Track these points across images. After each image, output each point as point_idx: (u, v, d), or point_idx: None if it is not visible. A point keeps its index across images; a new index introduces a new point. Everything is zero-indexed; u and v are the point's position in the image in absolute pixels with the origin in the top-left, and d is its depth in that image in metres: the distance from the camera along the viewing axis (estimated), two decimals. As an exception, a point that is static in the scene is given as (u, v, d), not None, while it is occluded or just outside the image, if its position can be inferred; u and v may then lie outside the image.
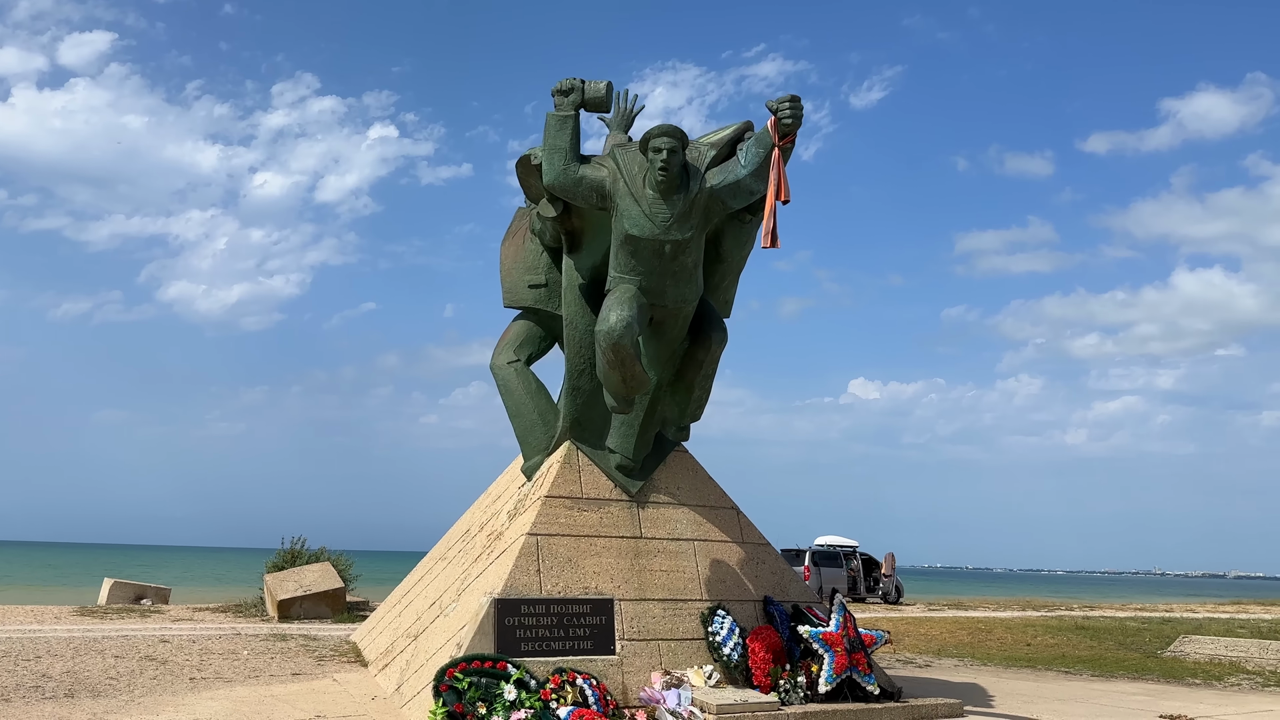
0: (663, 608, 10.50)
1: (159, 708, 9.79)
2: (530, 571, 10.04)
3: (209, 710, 9.73)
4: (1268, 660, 15.58)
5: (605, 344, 9.53)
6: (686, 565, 10.90)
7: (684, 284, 9.90)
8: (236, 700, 10.40)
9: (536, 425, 11.26)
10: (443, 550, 13.64)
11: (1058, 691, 13.35)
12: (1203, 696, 13.45)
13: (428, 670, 10.26)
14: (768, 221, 8.84)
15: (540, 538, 10.26)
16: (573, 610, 9.97)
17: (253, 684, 11.28)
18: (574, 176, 9.65)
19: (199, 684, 11.21)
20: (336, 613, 20.30)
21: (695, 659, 10.34)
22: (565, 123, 9.67)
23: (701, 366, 10.51)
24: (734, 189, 9.53)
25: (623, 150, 9.76)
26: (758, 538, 11.70)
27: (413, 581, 14.08)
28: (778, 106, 9.01)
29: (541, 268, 11.63)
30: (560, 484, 10.68)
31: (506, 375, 11.51)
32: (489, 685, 9.06)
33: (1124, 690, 13.94)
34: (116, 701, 9.88)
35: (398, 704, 10.35)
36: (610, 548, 10.58)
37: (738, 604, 10.91)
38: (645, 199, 9.48)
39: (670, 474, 11.41)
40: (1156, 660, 16.75)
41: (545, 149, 9.73)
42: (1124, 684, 14.73)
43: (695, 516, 11.29)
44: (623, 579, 10.44)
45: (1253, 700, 13.20)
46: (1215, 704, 12.64)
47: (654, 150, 9.29)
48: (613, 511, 10.82)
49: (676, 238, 9.55)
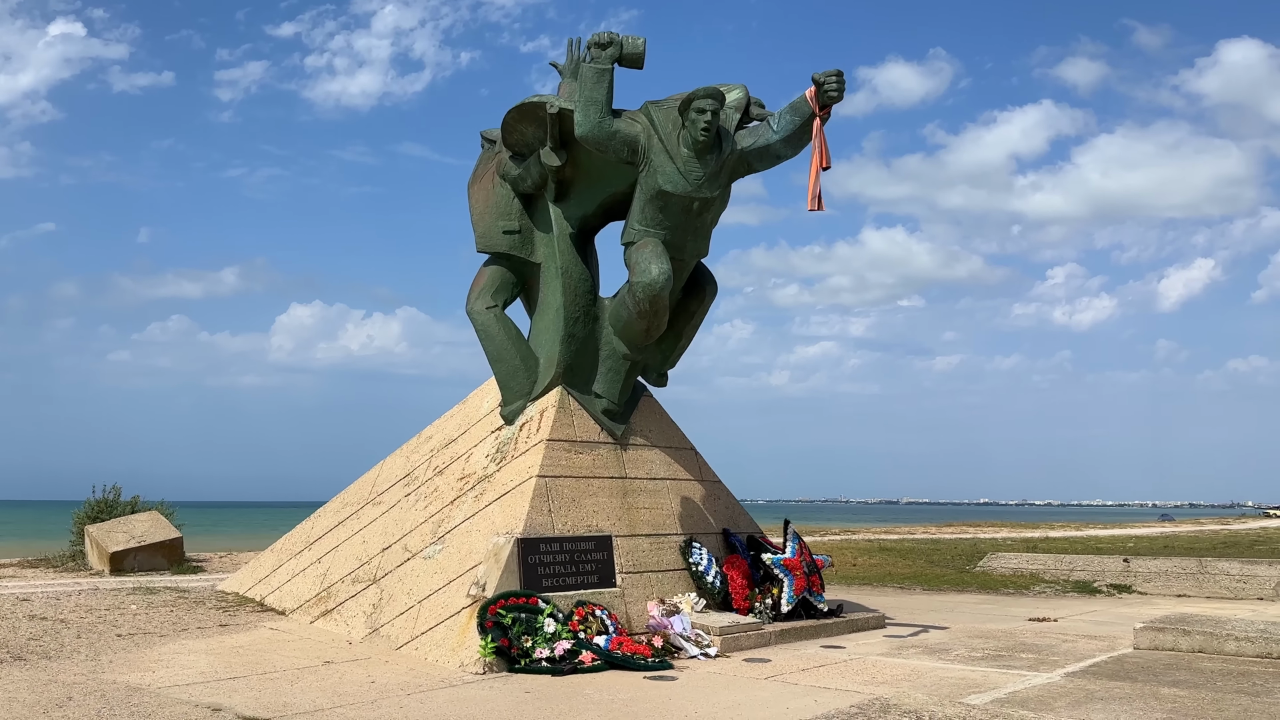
0: (649, 542, 11.24)
1: (141, 662, 9.36)
2: (544, 511, 10.43)
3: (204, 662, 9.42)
4: (1061, 571, 18.68)
5: (645, 294, 10.01)
6: (664, 502, 11.68)
7: (702, 239, 10.54)
8: (209, 652, 10.08)
9: (519, 370, 11.50)
10: (365, 496, 13.49)
11: (922, 604, 15.41)
12: (1032, 602, 16.06)
13: (426, 611, 10.44)
14: (814, 186, 9.65)
15: (548, 479, 10.66)
16: (580, 547, 10.50)
17: (192, 637, 10.88)
18: (608, 130, 9.95)
19: (137, 639, 10.67)
20: (174, 564, 19.29)
21: (679, 587, 11.20)
22: (603, 76, 9.91)
23: (693, 317, 11.22)
24: (762, 152, 10.23)
25: (656, 107, 10.15)
26: (713, 476, 12.67)
27: (323, 528, 13.79)
28: (824, 79, 9.74)
29: (514, 213, 11.76)
30: (558, 428, 11.07)
31: (486, 320, 11.62)
32: (529, 619, 9.47)
33: (965, 600, 16.31)
34: (81, 661, 9.31)
35: (388, 646, 10.44)
36: (604, 488, 11.15)
37: (704, 536, 11.84)
38: (680, 157, 9.97)
39: (642, 418, 12.08)
40: (970, 575, 19.54)
41: (581, 100, 9.93)
42: (955, 595, 17.16)
43: (665, 458, 12.06)
44: (616, 516, 11.06)
45: (1069, 603, 15.94)
46: (1050, 609, 15.17)
47: (697, 111, 9.76)
48: (602, 454, 11.37)
49: (706, 195, 10.14)
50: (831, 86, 9.68)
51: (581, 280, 11.29)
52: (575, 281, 11.22)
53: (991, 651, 10.57)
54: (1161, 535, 35.93)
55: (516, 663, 9.23)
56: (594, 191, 11.43)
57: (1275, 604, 16.04)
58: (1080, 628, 12.88)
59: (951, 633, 12.11)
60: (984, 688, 8.50)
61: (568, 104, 10.56)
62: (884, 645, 10.98)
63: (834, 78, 9.70)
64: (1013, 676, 9.09)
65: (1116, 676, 8.93)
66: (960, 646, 10.89)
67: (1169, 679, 8.76)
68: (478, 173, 12.22)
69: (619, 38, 9.97)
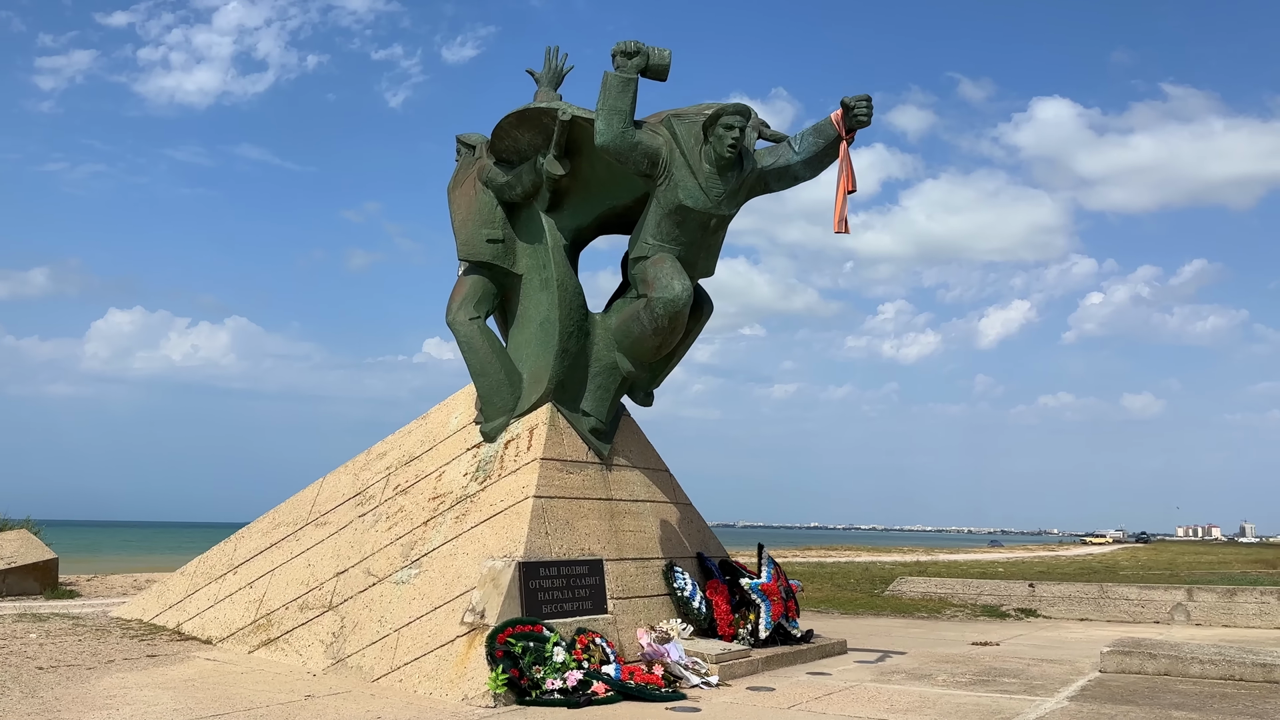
0: (636, 566, 10.92)
1: (90, 699, 8.41)
2: (541, 534, 9.97)
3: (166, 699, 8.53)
4: (969, 595, 19.35)
5: (666, 311, 9.73)
6: (646, 525, 11.39)
7: (712, 257, 10.36)
8: (161, 686, 9.15)
9: (503, 385, 10.98)
10: (303, 515, 12.61)
11: (852, 628, 15.60)
12: (950, 626, 16.55)
13: (407, 640, 9.82)
14: (840, 209, 9.62)
15: (544, 500, 10.19)
16: (575, 571, 10.08)
17: (124, 670, 9.88)
18: (631, 140, 9.65)
19: (63, 673, 9.60)
20: (46, 588, 17.62)
21: (663, 613, 10.91)
22: (628, 85, 9.61)
23: (688, 336, 11.01)
24: (781, 173, 10.14)
25: (678, 120, 9.91)
26: (685, 498, 12.45)
27: (250, 550, 12.79)
28: (854, 103, 9.72)
29: (498, 221, 11.29)
30: (550, 446, 10.61)
31: (469, 332, 11.06)
32: (538, 649, 8.99)
33: (891, 624, 16.66)
34: (19, 700, 8.31)
35: (361, 678, 9.74)
36: (594, 510, 10.76)
37: (683, 560, 11.61)
38: (702, 172, 9.77)
39: (623, 438, 11.75)
40: (881, 599, 19.98)
41: (603, 110, 9.58)
42: (874, 619, 17.51)
43: (644, 479, 11.77)
44: (605, 539, 10.69)
45: (990, 627, 16.52)
46: (979, 633, 15.66)
47: (725, 127, 9.59)
48: (590, 474, 10.98)
49: (725, 213, 9.98)
50: (862, 111, 9.72)
51: (576, 294, 10.92)
52: (570, 295, 10.84)
53: (972, 677, 10.74)
54: (1038, 560, 37.90)
55: (527, 694, 8.74)
56: (591, 204, 11.10)
57: (1172, 626, 17.11)
58: (1024, 651, 13.30)
59: (913, 657, 12.27)
60: (1005, 713, 8.60)
61: (582, 111, 10.22)
62: (865, 671, 10.99)
63: (864, 102, 9.74)
64: (1019, 701, 9.24)
65: (1116, 700, 9.21)
66: (939, 672, 11.02)
67: (1166, 702, 9.09)
68: (458, 178, 11.68)
69: (646, 48, 9.69)
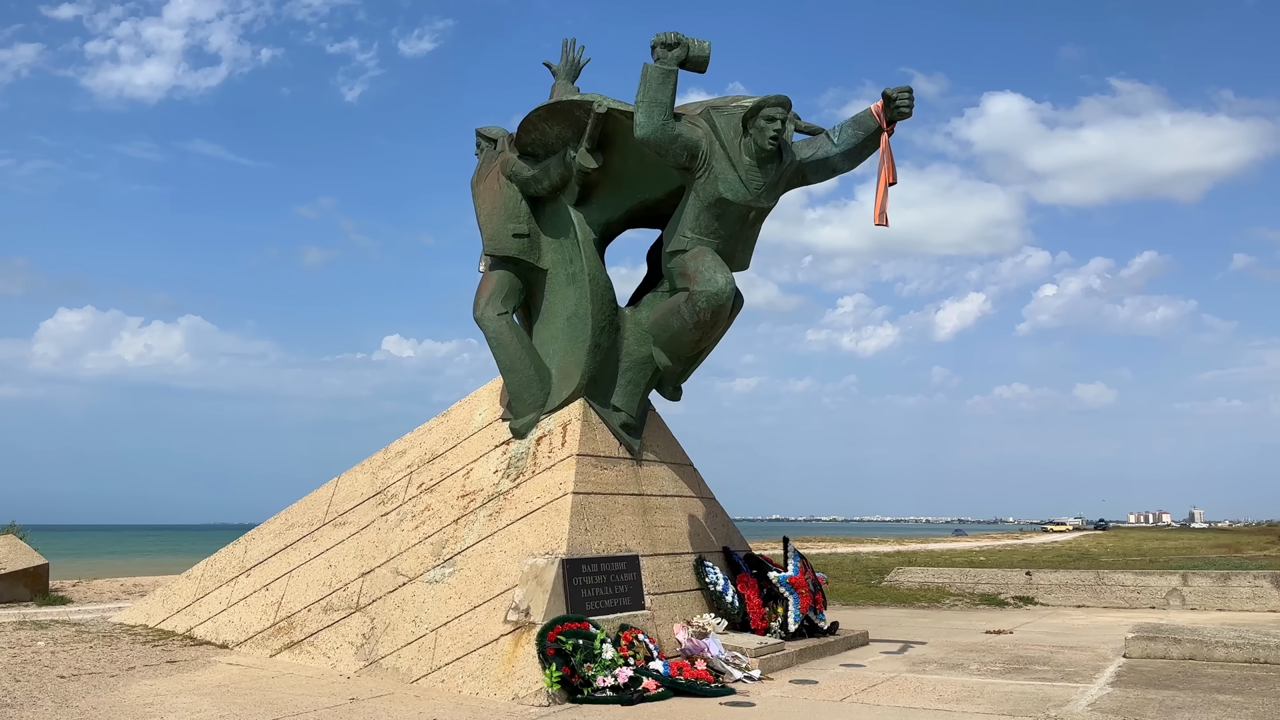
0: (669, 561, 10.87)
1: (127, 707, 8.24)
2: (581, 530, 9.88)
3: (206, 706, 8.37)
4: (966, 584, 19.56)
5: (709, 305, 9.65)
6: (676, 520, 11.34)
7: (748, 251, 10.31)
8: (195, 693, 8.98)
9: (533, 381, 10.86)
10: (320, 516, 12.41)
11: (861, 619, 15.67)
12: (953, 614, 16.71)
13: (446, 640, 9.72)
14: (881, 200, 9.61)
15: (582, 496, 10.10)
16: (614, 567, 10.02)
17: (149, 678, 9.71)
18: (672, 133, 9.56)
19: (86, 682, 9.41)
20: (37, 594, 17.21)
21: (696, 608, 10.88)
22: (668, 77, 9.50)
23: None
24: (820, 165, 10.10)
25: (717, 113, 9.83)
26: (710, 493, 12.42)
27: (263, 552, 12.56)
28: (896, 95, 9.69)
29: (523, 216, 11.16)
30: (584, 442, 10.52)
31: (499, 328, 10.92)
32: (588, 646, 8.91)
33: (896, 614, 16.78)
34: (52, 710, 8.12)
35: (399, 679, 9.62)
36: (628, 505, 10.69)
37: (711, 554, 11.58)
38: (742, 165, 9.70)
39: (650, 433, 11.68)
40: (880, 590, 20.13)
41: (644, 102, 9.48)
42: (878, 610, 17.64)
43: (672, 474, 11.72)
44: (639, 535, 10.63)
45: (993, 615, 16.70)
46: (985, 621, 15.82)
47: (767, 119, 9.52)
48: (622, 469, 10.90)
49: (764, 205, 9.93)
50: (904, 102, 9.70)
51: (607, 289, 10.82)
52: (602, 290, 10.74)
53: (1004, 665, 10.84)
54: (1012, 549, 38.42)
55: (579, 692, 8.66)
56: (621, 197, 11.00)
57: (1169, 611, 17.43)
58: (1040, 639, 13.46)
59: (935, 646, 12.36)
60: (1055, 700, 8.67)
61: (617, 104, 10.12)
62: (896, 662, 11.05)
63: (906, 94, 9.72)
64: (1063, 688, 9.33)
65: (1156, 685, 9.33)
66: (968, 661, 11.11)
67: (1205, 686, 9.23)
68: (481, 172, 11.52)
69: (686, 39, 9.59)
